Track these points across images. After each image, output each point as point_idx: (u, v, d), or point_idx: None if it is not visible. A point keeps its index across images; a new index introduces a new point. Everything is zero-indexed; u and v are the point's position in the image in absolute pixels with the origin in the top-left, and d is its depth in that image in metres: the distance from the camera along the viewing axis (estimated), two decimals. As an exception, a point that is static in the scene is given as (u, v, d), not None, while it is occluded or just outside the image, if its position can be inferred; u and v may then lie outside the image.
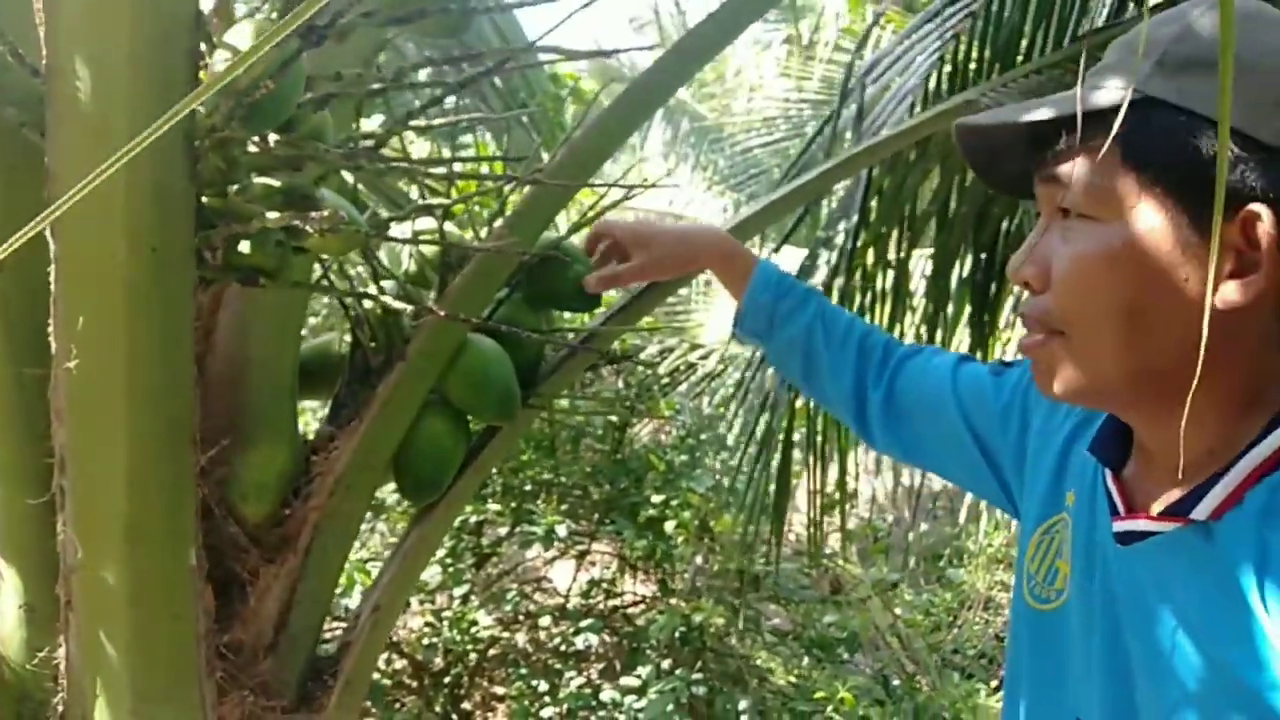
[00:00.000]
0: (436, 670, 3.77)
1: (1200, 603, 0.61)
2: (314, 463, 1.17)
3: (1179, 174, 0.59)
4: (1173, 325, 0.61)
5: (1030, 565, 0.79)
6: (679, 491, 3.49)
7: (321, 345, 1.38)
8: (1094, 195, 0.62)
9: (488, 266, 1.16)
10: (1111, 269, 0.61)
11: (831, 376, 1.08)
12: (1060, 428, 0.81)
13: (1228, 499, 0.61)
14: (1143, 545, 0.66)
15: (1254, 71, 0.58)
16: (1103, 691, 0.69)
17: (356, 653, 1.22)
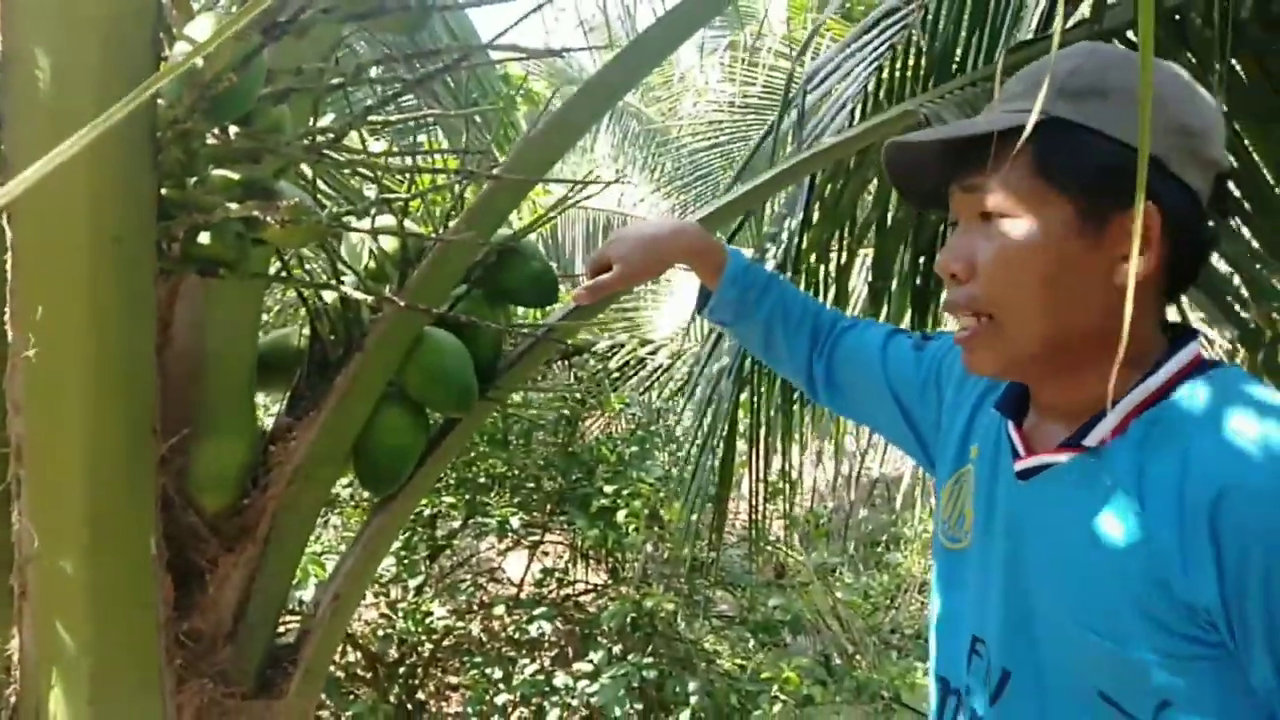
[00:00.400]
0: (391, 661, 3.76)
1: (1092, 514, 0.74)
2: (272, 453, 1.19)
3: (1079, 179, 0.73)
4: (1080, 298, 0.75)
5: (944, 511, 0.92)
6: (630, 482, 3.54)
7: (279, 338, 1.39)
8: (1011, 198, 0.75)
9: (446, 260, 1.19)
10: (1030, 256, 0.74)
11: (788, 354, 1.20)
12: (968, 398, 0.95)
13: (1116, 428, 0.74)
14: (1041, 477, 0.80)
15: (1132, 101, 0.72)
16: (1001, 609, 0.81)
17: (316, 641, 1.24)
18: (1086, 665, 0.73)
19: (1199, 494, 0.68)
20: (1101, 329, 0.75)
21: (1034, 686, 0.77)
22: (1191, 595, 0.67)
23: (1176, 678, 0.69)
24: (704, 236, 1.26)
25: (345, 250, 1.43)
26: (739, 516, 4.20)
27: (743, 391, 2.55)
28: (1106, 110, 0.72)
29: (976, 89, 1.63)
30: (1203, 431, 0.70)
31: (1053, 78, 0.73)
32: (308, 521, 1.23)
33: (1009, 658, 0.79)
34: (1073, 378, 0.77)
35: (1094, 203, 0.73)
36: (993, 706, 0.80)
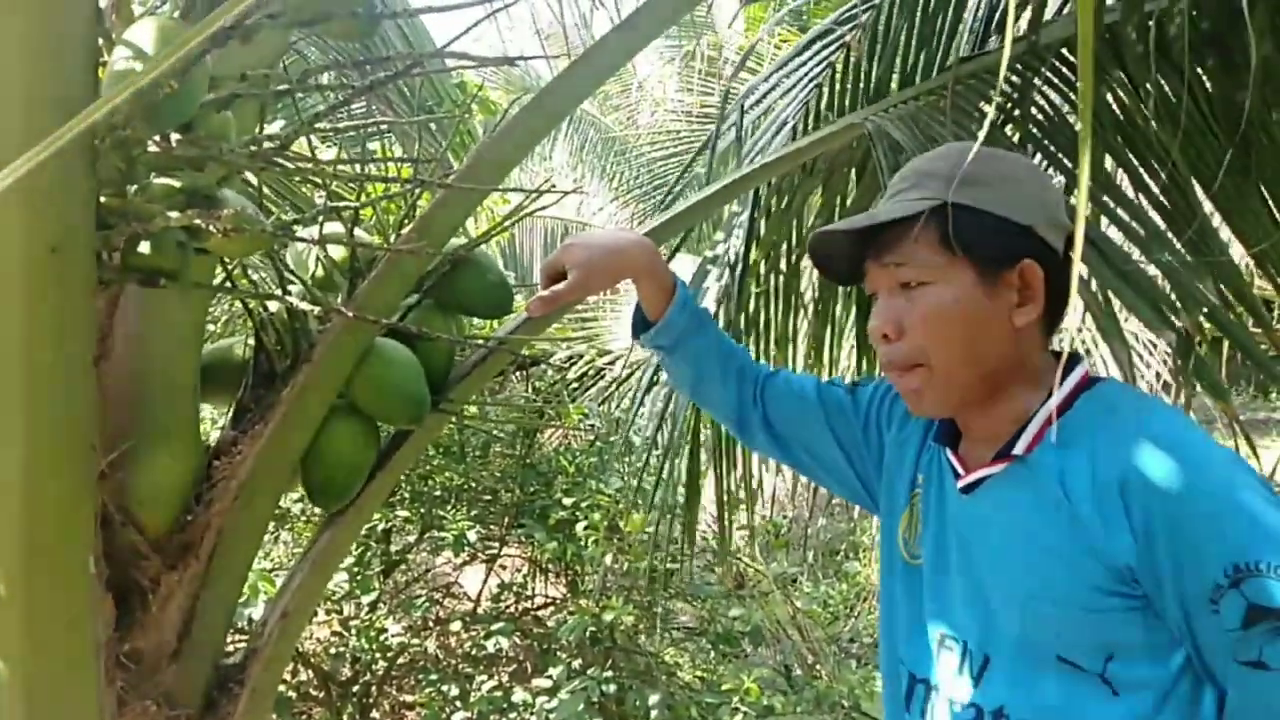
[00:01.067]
0: (344, 680, 3.69)
1: (1028, 510, 0.91)
2: (216, 468, 1.16)
3: (976, 249, 0.92)
4: (990, 338, 0.94)
5: (904, 533, 1.09)
6: (589, 494, 3.52)
7: (223, 349, 1.36)
8: (925, 269, 0.94)
9: (396, 269, 1.18)
10: (948, 313, 0.93)
11: (720, 392, 1.27)
12: (911, 436, 1.12)
13: (1035, 437, 0.93)
14: (980, 489, 0.97)
15: (1003, 185, 0.94)
16: (967, 607, 0.96)
17: (264, 660, 1.21)
18: (1042, 635, 0.89)
19: (1108, 476, 0.86)
20: (1011, 359, 0.95)
21: (1007, 664, 0.92)
22: (1113, 557, 0.84)
23: (1114, 631, 0.86)
24: (657, 255, 1.27)
25: (292, 258, 1.40)
26: (698, 527, 4.20)
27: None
28: (988, 194, 0.93)
29: (919, 102, 1.66)
30: (1102, 430, 0.89)
31: (937, 174, 0.95)
32: (254, 538, 1.20)
33: (986, 644, 0.94)
34: (994, 405, 0.97)
35: (989, 265, 0.92)
36: (978, 688, 0.94)
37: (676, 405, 2.41)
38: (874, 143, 1.54)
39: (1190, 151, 1.74)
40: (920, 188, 0.96)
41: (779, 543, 4.20)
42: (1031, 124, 1.71)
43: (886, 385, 1.19)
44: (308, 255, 1.40)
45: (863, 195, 2.01)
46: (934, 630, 1.00)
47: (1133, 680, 0.86)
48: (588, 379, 4.44)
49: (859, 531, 6.22)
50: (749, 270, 1.97)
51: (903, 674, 1.04)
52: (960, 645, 0.97)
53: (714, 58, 6.23)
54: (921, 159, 1.01)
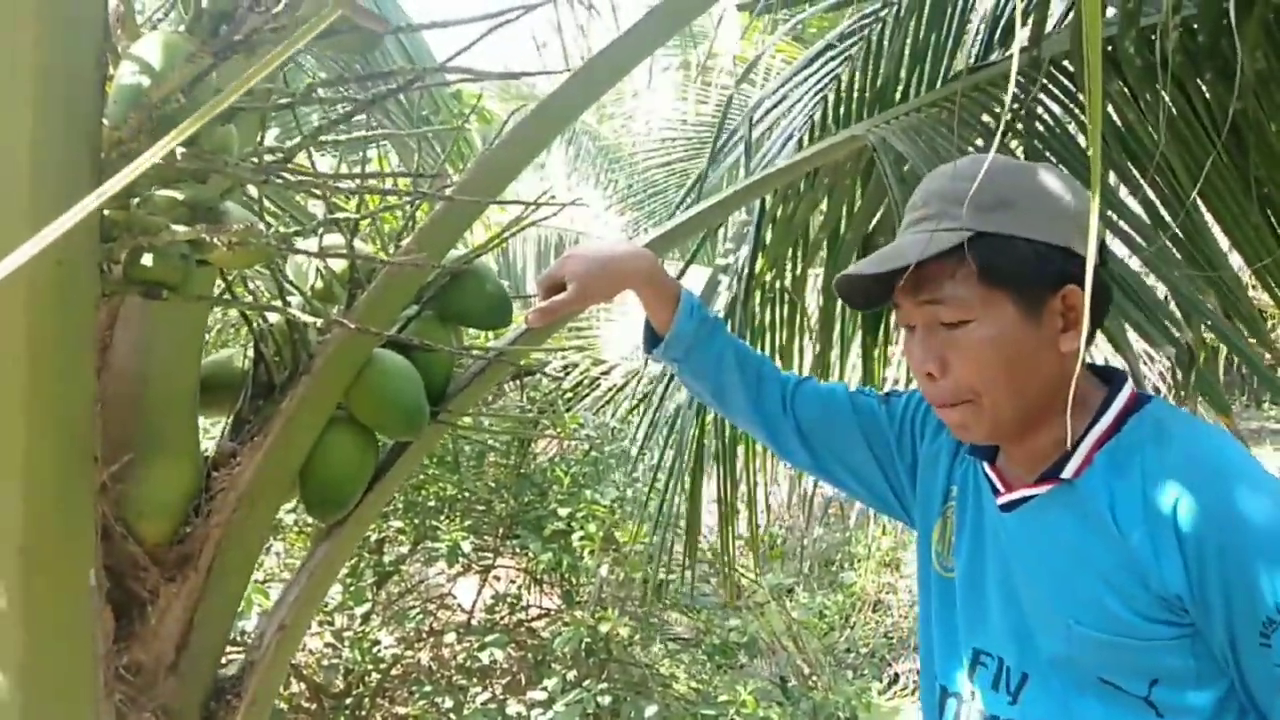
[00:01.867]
0: (336, 692, 3.67)
1: (1075, 535, 0.90)
2: (215, 479, 1.15)
3: (1015, 280, 0.89)
4: (1036, 370, 0.91)
5: (937, 545, 1.07)
6: (584, 504, 3.51)
7: (222, 361, 1.35)
8: (964, 307, 0.91)
9: (396, 281, 1.17)
10: (993, 350, 0.90)
11: (746, 400, 1.22)
12: (943, 448, 1.10)
13: (1083, 462, 0.91)
14: (1023, 508, 0.95)
15: (1035, 205, 0.90)
16: (1003, 622, 0.96)
17: (261, 672, 1.20)
18: (1085, 657, 0.87)
19: (1160, 503, 0.84)
20: (1057, 384, 0.91)
21: (1047, 682, 0.91)
22: (1164, 586, 0.83)
23: (1161, 658, 0.84)
24: (659, 264, 1.26)
25: (291, 270, 1.40)
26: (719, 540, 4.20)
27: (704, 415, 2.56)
28: (1020, 218, 0.89)
29: (921, 115, 1.67)
30: (1153, 454, 0.87)
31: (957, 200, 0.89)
32: (252, 550, 1.19)
33: (1025, 663, 0.93)
34: (1039, 427, 0.94)
35: (1029, 294, 0.89)
36: (1015, 705, 0.94)
37: (676, 416, 2.41)
38: (878, 154, 1.55)
39: (1190, 163, 1.75)
40: (946, 217, 0.91)
41: (775, 553, 4.20)
42: (1034, 136, 1.72)
43: (919, 395, 1.14)
44: (307, 267, 1.40)
45: (868, 204, 2.02)
46: (968, 644, 0.99)
47: (1178, 705, 0.85)
48: (583, 389, 4.44)
49: (854, 542, 6.22)
50: (754, 282, 1.98)
51: (936, 688, 1.04)
52: (996, 661, 0.96)
53: (710, 67, 6.26)
54: (939, 180, 0.96)
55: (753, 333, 2.24)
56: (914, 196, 0.98)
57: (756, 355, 1.27)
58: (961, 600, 1.01)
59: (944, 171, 0.97)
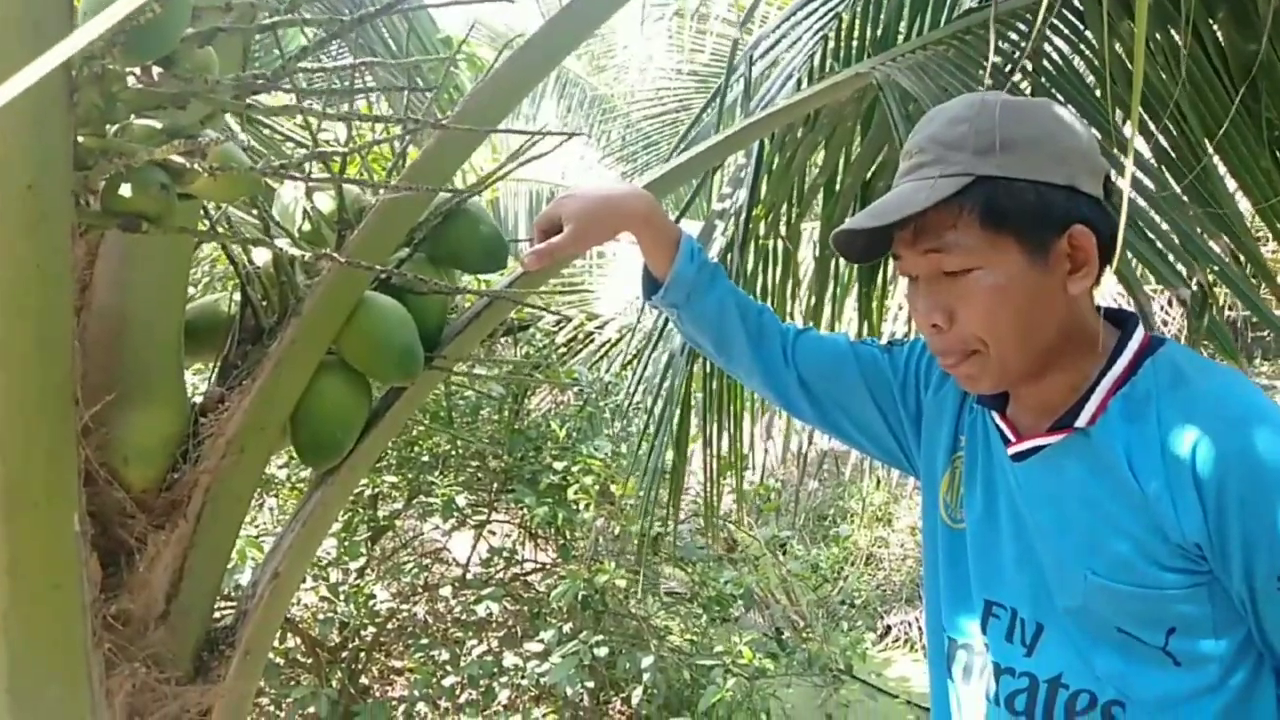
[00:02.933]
0: (332, 646, 3.68)
1: (1090, 484, 0.87)
2: (203, 425, 1.12)
3: (1019, 223, 0.85)
4: (1046, 315, 0.88)
5: (945, 496, 1.04)
6: (580, 458, 3.49)
7: (208, 306, 1.31)
8: (969, 254, 0.87)
9: (387, 219, 1.13)
10: (1001, 297, 0.87)
11: (748, 350, 1.18)
12: (949, 395, 1.07)
13: (1098, 409, 0.88)
14: (1036, 458, 0.92)
15: (1037, 144, 0.86)
16: (1019, 574, 0.93)
17: (255, 621, 1.18)
18: (1102, 608, 0.86)
19: (1178, 450, 0.82)
20: (1067, 329, 0.89)
21: (1062, 632, 0.90)
22: (1182, 534, 0.81)
23: (1178, 607, 0.83)
24: (658, 206, 1.21)
25: (279, 213, 1.35)
26: (689, 492, 4.20)
27: (694, 365, 2.54)
28: (1022, 159, 0.85)
29: (927, 52, 1.62)
30: (1169, 400, 0.85)
31: (960, 142, 0.87)
32: (243, 497, 1.16)
33: (1039, 613, 0.91)
34: (1049, 374, 0.91)
35: (1036, 239, 0.86)
36: (1030, 657, 0.92)
37: (668, 366, 2.38)
38: (883, 91, 1.50)
39: (1200, 106, 1.71)
40: (945, 162, 0.88)
41: (770, 506, 4.21)
42: (1042, 75, 1.67)
43: (923, 344, 1.13)
44: (295, 209, 1.36)
45: (869, 149, 1.97)
46: (979, 596, 0.97)
47: (1195, 653, 0.84)
48: (577, 343, 4.40)
49: (848, 497, 6.26)
50: (749, 231, 1.93)
51: (944, 639, 1.02)
52: (1009, 613, 0.94)
53: (705, 14, 6.12)
54: (937, 124, 0.91)
55: (746, 281, 2.20)
56: (909, 143, 0.93)
57: (757, 304, 1.23)
58: (973, 552, 0.99)
59: (939, 115, 0.92)
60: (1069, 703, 0.89)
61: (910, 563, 6.02)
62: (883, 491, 6.24)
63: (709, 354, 1.28)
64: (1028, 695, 0.92)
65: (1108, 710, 0.87)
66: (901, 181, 0.93)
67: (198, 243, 1.29)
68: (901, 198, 0.89)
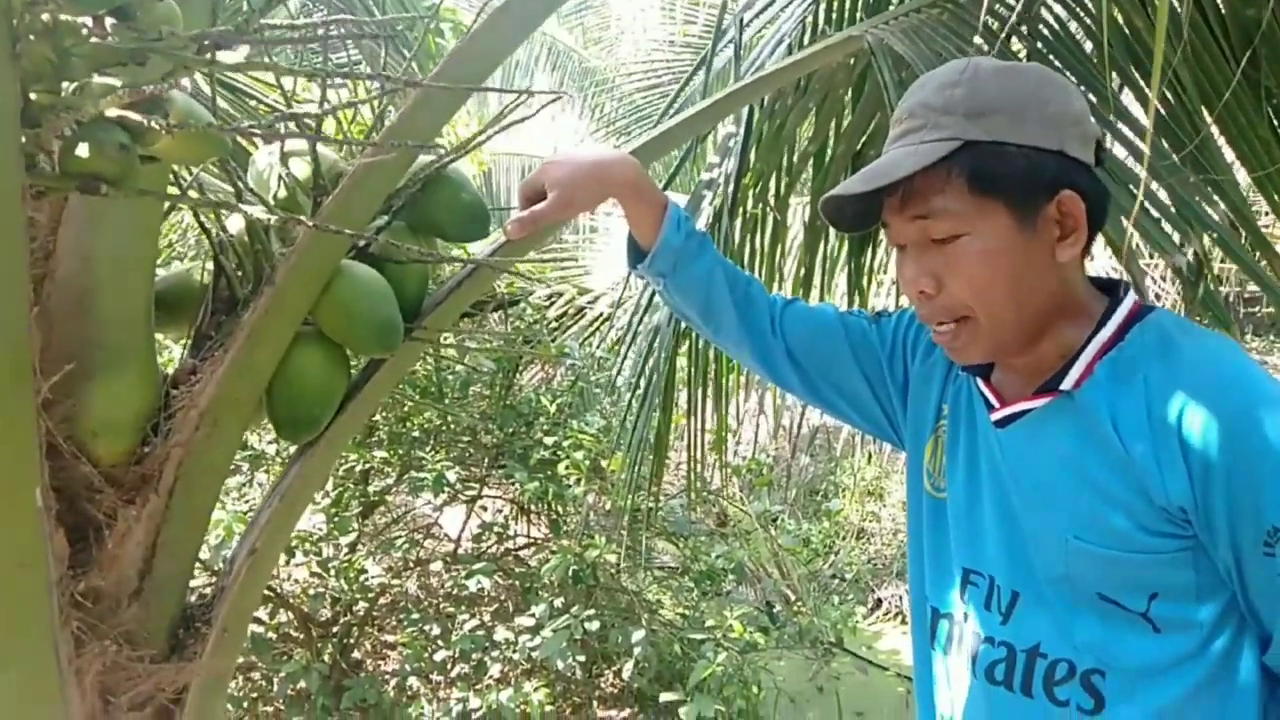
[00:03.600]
0: (324, 621, 3.67)
1: (1074, 447, 0.86)
2: (175, 397, 1.09)
3: (1008, 188, 0.84)
4: (1035, 281, 0.87)
5: (929, 465, 1.04)
6: (571, 433, 3.47)
7: (180, 275, 1.27)
8: (957, 220, 0.86)
9: (365, 182, 1.09)
10: (989, 263, 0.86)
11: (735, 321, 1.16)
12: (937, 364, 1.06)
13: (1084, 373, 0.87)
14: (1020, 423, 0.92)
15: (1028, 109, 0.84)
16: (999, 542, 0.92)
17: (232, 598, 1.16)
18: (1084, 573, 0.85)
19: (1165, 414, 0.81)
20: (1056, 295, 0.88)
21: (1040, 601, 0.89)
22: (1167, 498, 0.80)
23: (1161, 571, 0.82)
24: (644, 173, 1.19)
25: (253, 179, 1.32)
26: (681, 467, 4.19)
27: (682, 344, 2.51)
28: (1010, 124, 0.84)
29: (921, 15, 1.57)
30: (1157, 364, 0.84)
31: (950, 105, 0.86)
32: (218, 471, 1.13)
33: (1015, 580, 0.91)
34: (1038, 341, 0.90)
35: (1024, 204, 0.85)
36: (1006, 625, 0.91)
37: (657, 341, 2.35)
38: (875, 55, 1.46)
39: (1199, 74, 1.68)
40: (935, 128, 0.87)
41: (762, 480, 4.20)
42: (1038, 39, 1.63)
43: (910, 315, 1.13)
44: (270, 176, 1.32)
45: (859, 120, 1.93)
46: (958, 564, 0.97)
47: (1176, 620, 0.83)
48: (568, 318, 4.36)
49: (840, 471, 6.26)
50: (738, 200, 1.89)
51: (927, 609, 1.02)
52: (987, 581, 0.94)
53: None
54: (928, 89, 0.90)
55: (734, 253, 2.17)
56: (899, 109, 0.92)
57: (745, 274, 1.22)
58: (954, 520, 0.98)
59: (930, 80, 0.91)
60: (1047, 672, 0.88)
61: (901, 536, 6.03)
62: (874, 466, 6.24)
63: (695, 325, 1.26)
64: (1005, 665, 0.91)
65: (1087, 679, 0.86)
66: (891, 148, 0.92)
67: (167, 210, 1.25)
68: (889, 163, 0.88)
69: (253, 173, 1.34)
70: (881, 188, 0.88)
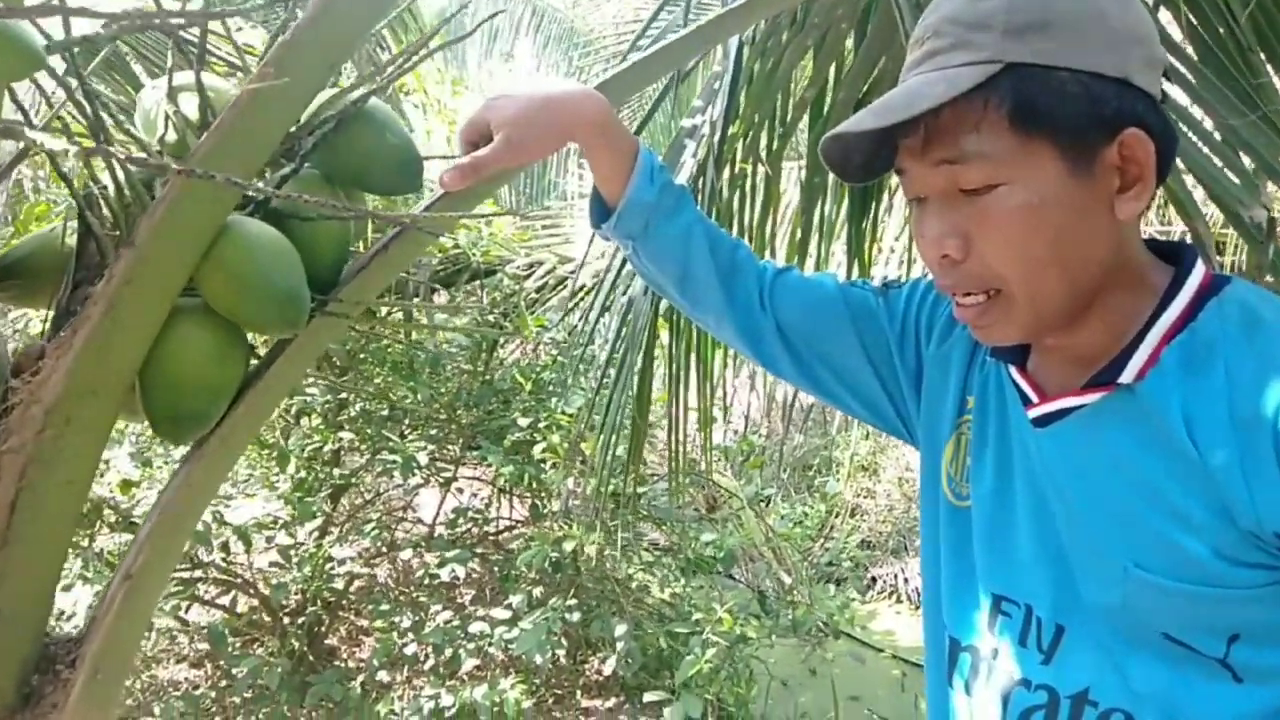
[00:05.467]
0: (291, 609, 3.48)
1: (1136, 454, 0.70)
2: (14, 389, 0.86)
3: (1060, 124, 0.67)
4: (1089, 243, 0.70)
5: (949, 467, 0.86)
6: (549, 412, 3.26)
7: (43, 237, 1.04)
8: (995, 164, 0.68)
9: (251, 114, 0.86)
10: (1034, 219, 0.69)
11: (717, 291, 0.99)
12: (956, 346, 0.88)
13: (1148, 361, 0.70)
14: (1065, 422, 0.75)
15: (1085, 23, 0.67)
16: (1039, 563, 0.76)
17: (103, 634, 0.94)
18: (1147, 608, 0.70)
19: (1254, 413, 0.64)
20: (1111, 262, 0.72)
21: (1090, 637, 0.73)
22: (1257, 519, 0.64)
23: (1247, 608, 0.67)
24: (612, 112, 0.98)
25: (140, 121, 1.08)
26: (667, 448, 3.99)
27: (659, 311, 2.29)
28: (1064, 43, 0.67)
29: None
30: (1242, 350, 0.67)
31: (988, 18, 0.68)
32: (76, 478, 0.90)
33: (1060, 612, 0.75)
34: (1085, 318, 0.74)
35: (1079, 143, 0.68)
36: (1048, 665, 0.75)
37: (632, 313, 2.13)
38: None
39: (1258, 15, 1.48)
40: (966, 48, 0.69)
41: (754, 462, 4.00)
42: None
43: (926, 286, 0.93)
44: (156, 115, 1.08)
45: (863, 63, 1.69)
46: (986, 589, 0.80)
47: (1263, 668, 0.67)
48: (549, 290, 4.13)
49: (833, 447, 6.09)
50: (725, 151, 1.66)
51: (944, 638, 0.84)
52: (1023, 611, 0.77)
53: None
54: (952, 2, 0.71)
55: (718, 215, 1.94)
56: (919, 27, 0.74)
57: (730, 238, 1.03)
58: (979, 535, 0.82)
59: None
60: None
61: (896, 513, 5.88)
62: (870, 441, 6.08)
63: (670, 296, 1.05)
64: (1046, 713, 0.75)
65: None
66: (909, 75, 0.73)
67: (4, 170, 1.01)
68: (910, 93, 0.70)
69: (140, 112, 1.10)
70: (898, 125, 0.69)
